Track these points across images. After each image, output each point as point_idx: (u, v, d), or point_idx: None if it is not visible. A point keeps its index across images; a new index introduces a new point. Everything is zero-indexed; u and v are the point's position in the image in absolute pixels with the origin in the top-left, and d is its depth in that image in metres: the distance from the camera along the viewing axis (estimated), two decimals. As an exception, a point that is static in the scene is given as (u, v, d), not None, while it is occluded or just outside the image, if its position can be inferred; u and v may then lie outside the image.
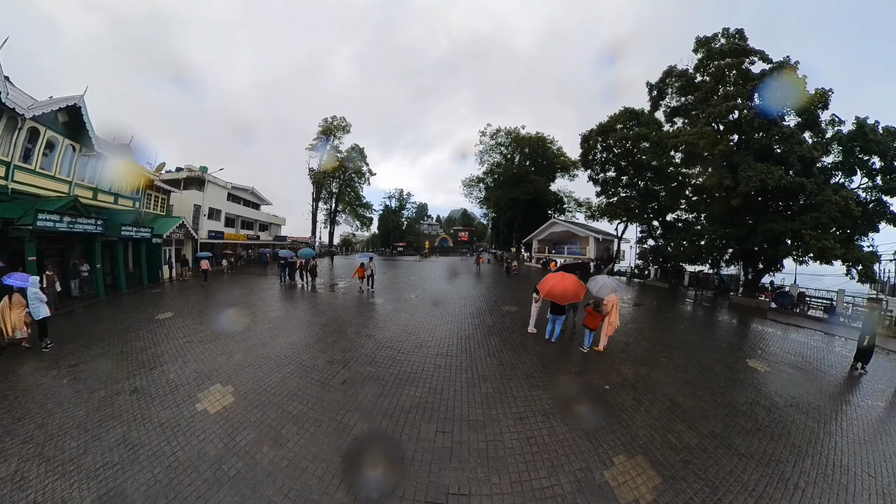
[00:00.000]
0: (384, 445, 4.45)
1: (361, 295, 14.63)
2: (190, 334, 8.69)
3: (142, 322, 10.02)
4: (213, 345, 7.87)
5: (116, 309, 12.43)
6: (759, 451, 4.47)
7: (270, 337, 8.48)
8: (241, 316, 10.58)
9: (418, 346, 7.96)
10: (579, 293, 7.79)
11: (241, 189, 31.75)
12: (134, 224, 16.69)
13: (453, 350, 7.75)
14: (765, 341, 10.34)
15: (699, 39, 23.60)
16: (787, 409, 5.73)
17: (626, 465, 3.99)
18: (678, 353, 8.19)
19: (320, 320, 10.25)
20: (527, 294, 17.28)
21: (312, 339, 8.35)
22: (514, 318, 11.07)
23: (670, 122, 28.27)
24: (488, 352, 7.64)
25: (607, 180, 33.12)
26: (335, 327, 9.39)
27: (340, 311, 11.66)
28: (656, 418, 5.03)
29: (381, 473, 4.03)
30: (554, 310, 8.19)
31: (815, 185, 16.46)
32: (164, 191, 22.10)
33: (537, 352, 7.65)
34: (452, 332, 9.18)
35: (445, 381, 6.11)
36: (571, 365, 6.98)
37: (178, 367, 6.62)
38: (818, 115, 18.34)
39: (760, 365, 7.71)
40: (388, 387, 5.92)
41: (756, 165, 16.61)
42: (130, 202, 19.22)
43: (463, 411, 5.12)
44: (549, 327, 8.46)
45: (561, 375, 6.34)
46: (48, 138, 13.77)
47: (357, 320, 10.36)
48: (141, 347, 7.75)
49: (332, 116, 48.50)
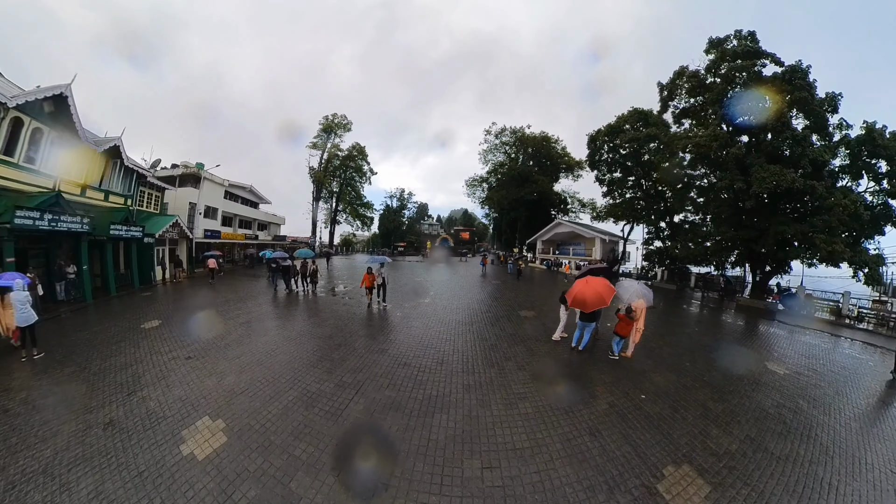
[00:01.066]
0: (425, 495, 3.62)
1: (370, 309, 11.97)
2: (176, 348, 7.72)
3: (126, 331, 9.06)
4: (202, 362, 6.90)
5: (102, 315, 11.48)
6: (793, 452, 4.63)
7: (267, 353, 7.46)
8: (234, 327, 9.52)
9: (440, 363, 7.08)
10: (606, 298, 7.36)
11: (238, 187, 30.73)
12: (124, 222, 15.66)
13: (480, 364, 7.04)
14: (778, 344, 10.40)
15: (712, 40, 23.38)
16: (811, 410, 5.92)
17: (676, 476, 4.00)
18: (700, 357, 8.23)
19: (322, 332, 9.19)
20: (541, 297, 16.77)
21: (316, 356, 7.34)
22: (534, 324, 10.67)
23: (678, 123, 28.05)
24: (518, 365, 7.03)
25: (613, 181, 32.81)
26: (340, 340, 8.41)
27: (344, 320, 10.63)
28: (693, 425, 5.07)
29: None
30: (584, 316, 7.74)
31: (824, 189, 16.49)
32: (158, 188, 21.09)
33: (567, 362, 7.34)
34: (475, 343, 8.44)
35: (480, 404, 5.39)
36: (604, 374, 6.72)
37: (161, 392, 5.66)
38: (827, 118, 18.23)
39: (779, 367, 7.89)
40: (414, 416, 5.05)
41: (768, 167, 16.43)
42: (122, 199, 18.25)
43: (506, 439, 4.58)
44: (577, 334, 7.99)
45: (597, 387, 6.09)
46: (33, 129, 12.84)
47: (364, 331, 9.39)
48: (121, 364, 6.79)
49: (332, 114, 47.57)
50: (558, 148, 46.54)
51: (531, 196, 42.70)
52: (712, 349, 9.05)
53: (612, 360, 7.43)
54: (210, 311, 11.57)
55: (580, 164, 44.88)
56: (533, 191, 42.55)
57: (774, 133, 18.04)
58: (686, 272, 26.13)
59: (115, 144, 17.16)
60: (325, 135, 47.33)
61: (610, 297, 7.45)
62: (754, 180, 16.86)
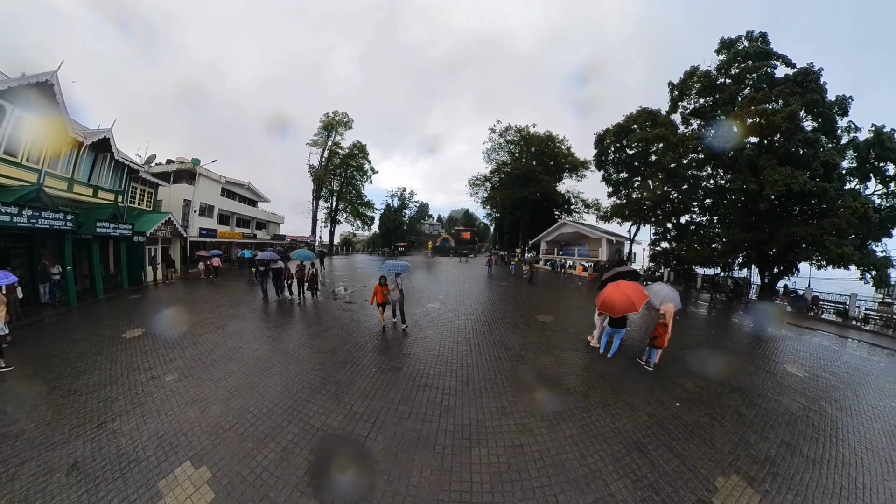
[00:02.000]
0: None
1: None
2: (156, 365, 6.79)
3: (105, 342, 8.16)
4: (184, 384, 5.95)
5: (85, 320, 10.59)
6: (826, 455, 4.72)
7: (260, 373, 6.45)
8: (223, 338, 8.51)
9: (465, 382, 6.26)
10: (637, 303, 6.97)
11: (236, 184, 29.71)
12: (112, 220, 14.72)
13: (510, 381, 6.33)
14: (793, 346, 10.43)
15: (723, 41, 23.13)
16: (835, 412, 6.00)
17: (728, 487, 3.98)
18: (722, 361, 8.12)
19: (324, 345, 8.15)
20: (554, 300, 16.16)
21: (318, 378, 6.30)
22: (555, 330, 10.18)
23: (686, 123, 27.79)
24: (550, 379, 6.50)
25: (619, 181, 32.39)
26: (346, 356, 7.44)
27: (348, 329, 9.64)
28: (732, 432, 5.07)
29: None
30: (613, 322, 7.43)
31: (835, 191, 16.50)
32: (151, 184, 20.15)
33: (599, 372, 6.95)
34: (499, 355, 7.71)
35: (520, 430, 4.78)
36: (637, 383, 6.48)
37: (135, 424, 4.76)
38: (836, 120, 18.30)
39: (798, 370, 7.96)
40: (449, 454, 4.26)
41: (780, 170, 16.34)
42: (112, 195, 17.33)
43: (558, 469, 4.14)
44: (604, 341, 7.76)
45: (634, 398, 5.86)
46: (16, 119, 11.93)
47: (372, 344, 8.40)
48: (94, 384, 5.89)
49: (333, 111, 46.58)
50: (563, 148, 45.75)
51: (535, 196, 41.90)
52: (731, 352, 9.07)
53: (640, 366, 7.26)
54: (198, 317, 10.56)
55: (584, 164, 44.21)
56: (537, 190, 41.75)
57: (787, 135, 17.51)
58: (692, 273, 25.94)
59: (104, 137, 16.25)
60: (326, 132, 46.36)
61: (642, 302, 7.05)
62: (767, 182, 16.69)
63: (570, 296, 18.31)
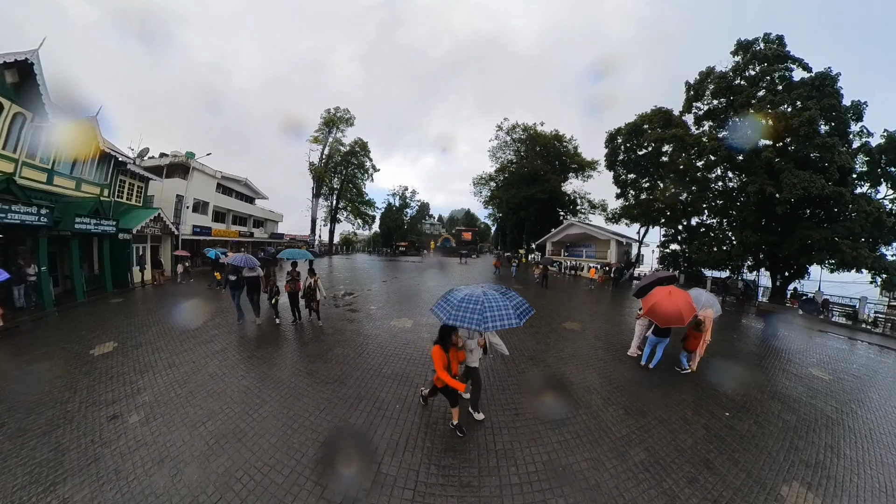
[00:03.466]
0: None
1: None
2: (121, 397, 5.44)
3: (71, 360, 6.88)
4: (151, 429, 4.56)
5: (57, 329, 9.34)
6: (868, 455, 4.88)
7: (246, 414, 4.96)
8: (203, 359, 6.96)
9: (515, 412, 5.28)
10: (688, 315, 6.58)
11: (232, 179, 28.34)
12: (93, 215, 13.42)
13: (562, 406, 5.59)
14: (811, 348, 10.52)
15: (740, 42, 22.69)
16: (866, 414, 6.13)
17: (792, 495, 3.96)
18: (751, 366, 8.25)
19: (328, 372, 6.39)
20: (573, 305, 15.04)
21: (324, 421, 4.83)
22: (588, 339, 9.48)
23: (699, 125, 27.33)
24: (603, 398, 5.89)
25: (627, 181, 31.72)
26: (357, 387, 5.81)
27: (355, 347, 7.91)
28: (781, 438, 5.08)
29: None
30: (659, 331, 7.07)
31: (850, 195, 16.89)
32: (141, 178, 18.84)
33: (645, 384, 6.60)
34: (541, 374, 6.88)
35: (591, 466, 4.20)
36: (683, 394, 6.28)
37: (88, 492, 3.49)
38: (849, 125, 18.53)
39: (823, 373, 8.09)
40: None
41: (798, 173, 16.52)
42: (97, 188, 16.05)
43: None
44: (648, 350, 7.37)
45: (685, 410, 5.66)
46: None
47: (389, 368, 6.75)
48: (47, 423, 4.64)
49: (335, 107, 45.39)
50: (570, 147, 44.65)
51: (542, 195, 40.78)
52: (757, 356, 9.13)
53: (681, 375, 7.14)
54: (178, 329, 9.07)
55: (591, 165, 43.20)
56: (545, 190, 40.61)
57: (805, 139, 17.51)
58: (701, 276, 25.88)
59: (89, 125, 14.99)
60: (327, 129, 45.15)
61: (690, 315, 6.62)
62: (785, 185, 16.82)
63: (587, 299, 17.26)
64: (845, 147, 18.40)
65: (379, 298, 14.00)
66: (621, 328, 10.98)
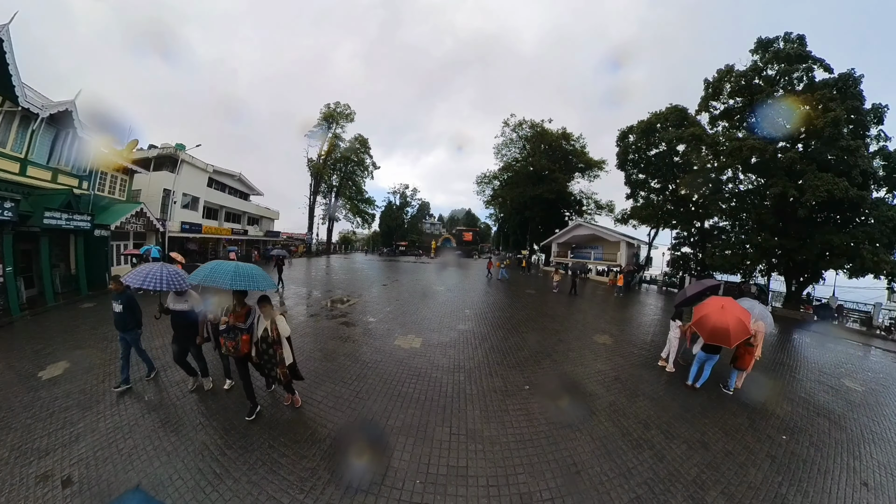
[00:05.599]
0: None
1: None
2: (59, 445, 4.05)
3: (13, 386, 5.50)
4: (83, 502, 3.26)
5: (16, 340, 7.96)
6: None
7: (204, 486, 3.47)
8: (159, 390, 5.41)
9: (576, 471, 4.03)
10: (735, 337, 5.88)
11: (225, 174, 26.83)
12: (65, 208, 12.02)
13: (622, 443, 4.71)
14: (837, 357, 10.35)
15: (761, 40, 22.03)
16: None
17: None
18: (786, 378, 7.99)
19: (332, 421, 4.70)
20: (598, 314, 13.61)
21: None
22: (626, 356, 8.43)
23: (713, 124, 25.92)
24: (663, 433, 5.07)
25: (637, 181, 30.77)
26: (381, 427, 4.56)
27: (370, 381, 6.09)
28: (838, 461, 4.83)
29: None
30: (710, 347, 6.39)
31: (871, 199, 16.84)
32: (125, 170, 17.43)
33: (697, 409, 5.89)
34: (590, 405, 5.74)
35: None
36: (738, 417, 5.77)
37: None
38: (868, 128, 18.27)
39: (854, 384, 7.93)
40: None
41: (821, 176, 16.28)
42: (75, 180, 14.65)
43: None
44: (695, 369, 6.66)
45: (745, 437, 5.17)
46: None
47: (409, 412, 5.31)
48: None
49: (335, 102, 43.94)
50: (577, 146, 43.39)
51: (549, 195, 39.51)
52: (788, 367, 8.88)
53: (727, 394, 6.54)
54: (144, 345, 7.24)
55: (599, 164, 42.02)
56: (552, 189, 39.36)
57: (829, 141, 17.05)
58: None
59: (65, 109, 13.61)
60: (326, 124, 43.73)
61: (743, 335, 5.92)
62: (808, 188, 16.50)
63: (609, 306, 16.05)
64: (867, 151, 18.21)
65: (379, 307, 12.34)
66: (654, 340, 10.02)
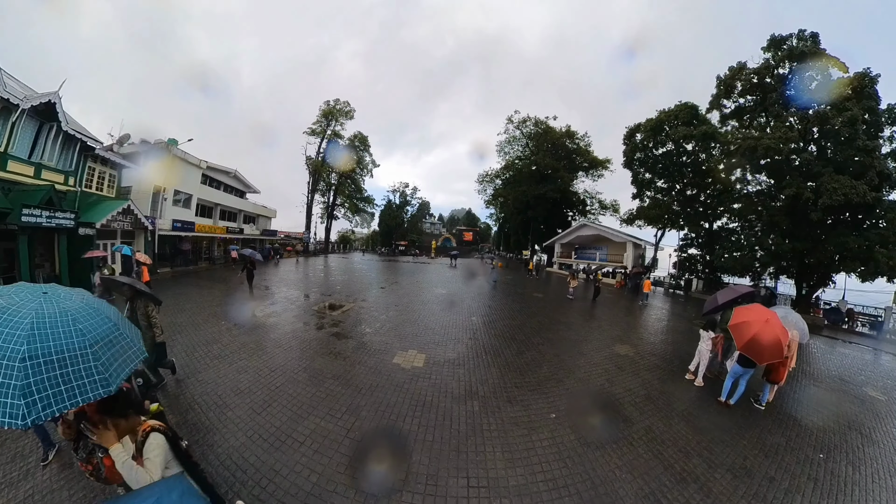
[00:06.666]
0: None
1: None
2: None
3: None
4: None
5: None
6: None
7: None
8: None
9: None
10: (784, 348, 5.55)
11: (220, 171, 25.98)
12: (46, 205, 11.25)
13: (664, 483, 4.05)
14: (854, 364, 10.12)
15: (774, 37, 21.39)
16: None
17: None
18: (811, 388, 7.66)
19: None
20: (615, 322, 12.60)
21: None
22: (650, 367, 7.90)
23: (724, 123, 25.13)
24: (705, 460, 4.56)
25: (644, 181, 30.13)
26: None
27: (349, 433, 5.68)
28: (875, 480, 4.59)
29: None
30: (746, 360, 5.98)
31: (887, 202, 16.67)
32: (113, 165, 16.60)
33: (735, 430, 5.45)
34: (631, 440, 4.91)
35: None
36: (775, 436, 5.37)
37: None
38: (883, 129, 17.82)
39: (877, 393, 7.74)
40: None
41: (839, 178, 15.90)
42: (60, 176, 13.87)
43: None
44: (729, 383, 6.25)
45: (786, 458, 4.77)
46: None
47: (425, 468, 4.90)
48: None
49: (334, 99, 43.10)
50: (581, 144, 42.64)
51: (554, 194, 38.78)
52: (810, 376, 8.52)
53: (758, 409, 6.18)
54: None
55: (604, 163, 41.33)
56: (557, 188, 38.62)
57: (847, 142, 16.68)
58: (720, 283, 24.70)
59: (49, 101, 12.83)
60: (325, 120, 42.89)
61: (782, 352, 5.50)
62: (824, 190, 16.05)
63: (619, 310, 15.35)
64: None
65: (375, 314, 11.15)
66: (675, 349, 9.40)
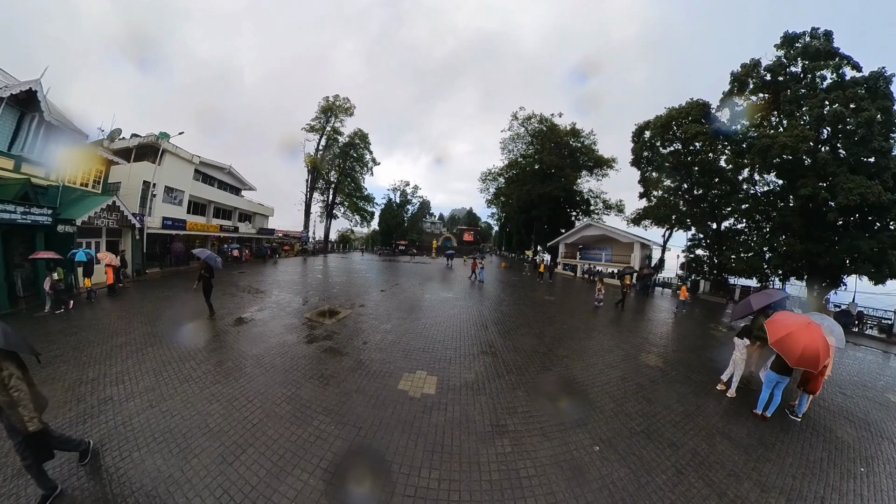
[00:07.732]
0: None
1: None
2: None
3: None
4: None
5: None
6: None
7: None
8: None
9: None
10: (823, 359, 5.17)
11: (214, 167, 25.09)
12: (21, 200, 10.42)
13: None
14: (870, 368, 9.94)
15: (787, 35, 21.24)
16: None
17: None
18: (837, 395, 7.30)
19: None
20: (639, 328, 11.58)
21: None
22: (682, 379, 7.25)
23: (733, 122, 24.53)
24: (754, 483, 4.08)
25: (652, 180, 29.51)
26: None
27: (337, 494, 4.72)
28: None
29: None
30: (783, 367, 5.54)
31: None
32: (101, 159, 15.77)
33: (777, 445, 4.96)
34: (680, 469, 4.25)
35: None
36: (817, 450, 5.01)
37: None
38: (894, 129, 17.44)
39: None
40: None
41: (854, 178, 15.72)
42: (42, 170, 13.04)
43: None
44: (765, 394, 5.77)
45: (830, 475, 4.46)
46: None
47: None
48: None
49: (333, 95, 42.28)
50: (586, 142, 41.87)
51: (560, 193, 38.03)
52: (833, 382, 8.02)
53: (794, 421, 5.82)
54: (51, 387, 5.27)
55: (609, 162, 40.60)
56: (562, 187, 37.86)
57: (862, 142, 16.45)
58: (728, 284, 24.68)
59: (29, 89, 12.06)
60: (325, 117, 42.07)
61: (827, 356, 5.36)
62: (840, 191, 15.80)
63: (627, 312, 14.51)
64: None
65: (376, 323, 9.77)
66: (700, 356, 8.91)
